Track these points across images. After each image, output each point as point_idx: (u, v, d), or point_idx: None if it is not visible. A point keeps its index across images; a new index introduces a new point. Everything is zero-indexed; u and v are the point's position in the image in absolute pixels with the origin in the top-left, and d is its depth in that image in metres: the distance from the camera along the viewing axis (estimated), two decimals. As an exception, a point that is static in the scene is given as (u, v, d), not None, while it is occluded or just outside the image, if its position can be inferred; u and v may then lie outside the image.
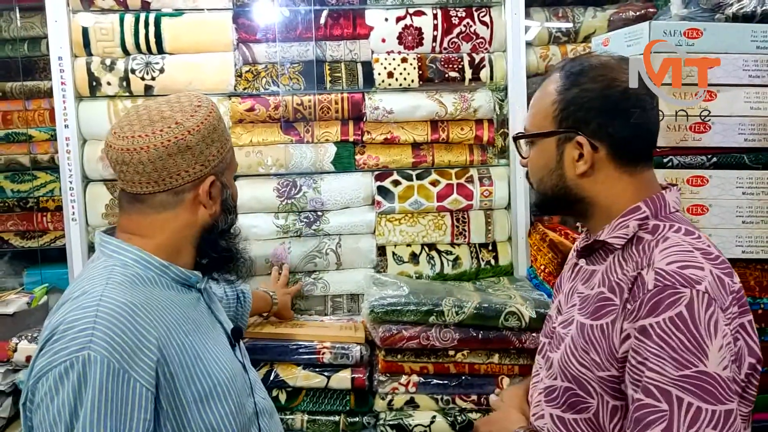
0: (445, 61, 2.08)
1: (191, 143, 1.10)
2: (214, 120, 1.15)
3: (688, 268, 0.94)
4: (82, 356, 0.94)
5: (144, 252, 1.12)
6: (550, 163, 1.13)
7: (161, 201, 1.13)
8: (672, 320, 0.91)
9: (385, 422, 1.76)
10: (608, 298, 1.03)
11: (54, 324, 1.01)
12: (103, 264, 1.10)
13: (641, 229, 1.05)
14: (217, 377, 1.12)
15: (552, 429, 1.10)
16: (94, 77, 2.01)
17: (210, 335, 1.19)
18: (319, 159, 2.10)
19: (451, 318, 1.72)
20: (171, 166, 1.10)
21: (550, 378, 1.12)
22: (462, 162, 2.14)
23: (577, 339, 1.06)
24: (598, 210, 1.11)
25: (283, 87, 2.07)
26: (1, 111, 2.09)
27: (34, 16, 2.07)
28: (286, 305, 1.95)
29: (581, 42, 2.16)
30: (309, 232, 2.09)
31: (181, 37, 2.03)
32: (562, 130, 1.10)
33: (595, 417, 1.03)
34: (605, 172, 1.09)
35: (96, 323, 0.97)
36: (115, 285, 1.05)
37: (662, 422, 0.88)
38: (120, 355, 0.96)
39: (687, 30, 1.62)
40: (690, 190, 1.65)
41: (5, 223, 2.11)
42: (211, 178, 1.15)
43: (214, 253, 1.21)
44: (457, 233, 2.13)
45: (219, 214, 1.19)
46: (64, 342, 0.96)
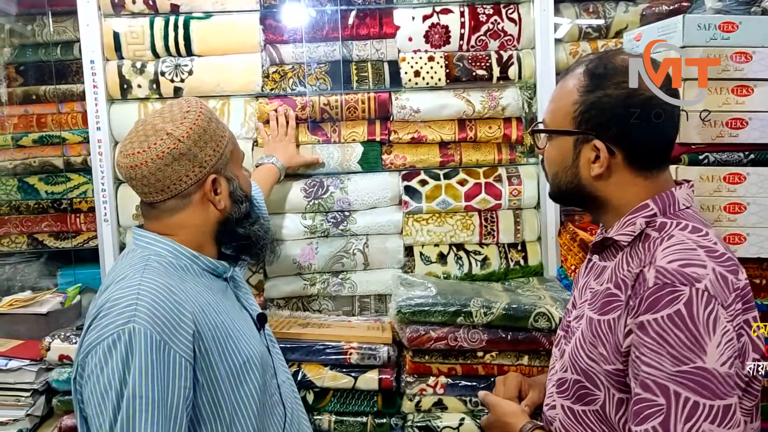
0: (473, 59, 2.06)
1: (183, 150, 1.18)
2: (203, 123, 1.22)
3: (689, 266, 0.95)
4: (128, 329, 1.03)
5: (176, 243, 1.22)
6: (565, 161, 1.13)
7: (173, 206, 1.23)
8: (670, 317, 0.92)
9: (413, 424, 1.75)
10: (614, 294, 1.05)
11: (100, 303, 1.10)
12: (140, 254, 1.20)
13: (649, 227, 1.06)
14: (248, 354, 1.21)
15: (563, 419, 1.13)
16: (125, 80, 2.04)
17: (239, 318, 1.28)
18: (346, 159, 2.09)
19: (480, 319, 1.70)
20: (172, 174, 1.19)
21: (562, 370, 1.15)
22: (490, 161, 2.11)
23: (586, 333, 1.09)
24: (611, 209, 1.12)
25: (309, 87, 2.08)
26: (35, 114, 2.13)
27: (66, 20, 2.11)
28: (294, 157, 2.03)
29: (612, 37, 2.12)
30: (336, 233, 2.09)
31: (209, 40, 2.04)
32: (580, 131, 1.09)
33: (602, 409, 1.06)
34: (620, 176, 1.09)
35: (138, 300, 1.06)
36: (152, 270, 1.15)
37: (659, 416, 0.91)
38: (161, 329, 1.05)
39: (722, 23, 1.58)
40: (727, 188, 1.60)
41: (40, 224, 2.15)
42: (212, 177, 1.23)
43: (234, 241, 1.32)
44: (486, 233, 2.10)
45: (230, 206, 1.28)
46: (111, 317, 1.05)
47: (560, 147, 1.14)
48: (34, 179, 2.13)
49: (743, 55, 1.59)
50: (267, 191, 1.87)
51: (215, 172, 1.24)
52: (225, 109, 2.06)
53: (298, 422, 1.39)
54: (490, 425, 1.28)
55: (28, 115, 2.13)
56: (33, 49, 2.13)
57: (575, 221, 2.09)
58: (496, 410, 1.27)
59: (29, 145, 2.11)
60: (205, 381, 1.12)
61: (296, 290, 2.10)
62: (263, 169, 1.93)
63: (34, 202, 2.14)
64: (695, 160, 1.61)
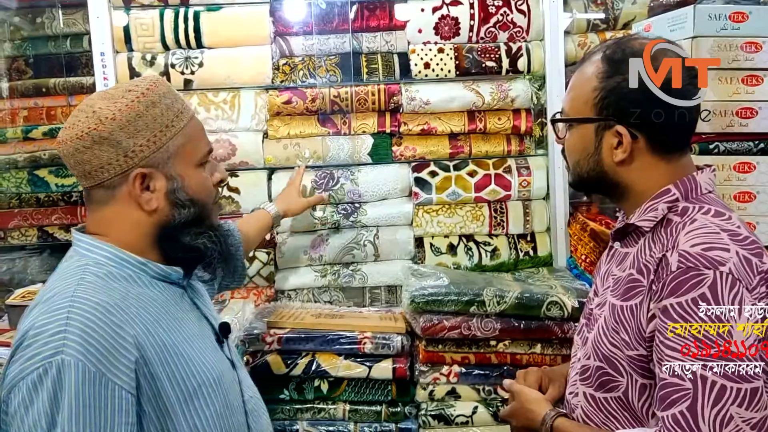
0: (482, 51, 2.07)
1: (104, 134, 1.01)
2: (140, 107, 1.04)
3: (713, 250, 0.94)
4: (56, 361, 0.88)
5: (119, 249, 1.05)
6: (588, 149, 1.12)
7: (98, 197, 1.07)
8: (695, 301, 0.92)
9: (426, 412, 1.77)
10: (637, 279, 1.04)
11: (24, 328, 0.94)
12: (76, 263, 1.04)
13: (671, 212, 1.06)
14: (203, 376, 1.06)
15: (585, 407, 1.13)
16: (135, 72, 2.03)
17: (195, 332, 1.12)
18: (356, 151, 2.10)
19: (493, 308, 1.71)
20: (92, 159, 1.02)
21: (585, 357, 1.14)
22: (500, 152, 2.13)
23: (609, 319, 1.08)
24: (633, 194, 1.12)
25: (320, 79, 2.08)
26: (45, 107, 2.13)
27: (76, 12, 2.10)
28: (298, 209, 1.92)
29: (621, 29, 2.14)
30: (347, 224, 2.10)
31: (219, 32, 2.05)
32: (601, 118, 1.09)
33: (624, 395, 1.05)
34: (642, 160, 1.09)
35: (68, 325, 0.91)
36: (87, 284, 0.98)
37: (686, 400, 0.90)
38: (96, 358, 0.90)
39: (732, 13, 1.60)
40: (737, 176, 1.62)
41: (50, 216, 2.15)
42: (139, 171, 1.04)
43: (177, 251, 1.11)
44: (496, 224, 2.12)
45: (167, 209, 1.08)
46: (36, 347, 0.90)
47: (582, 135, 1.13)
48: (44, 172, 2.12)
49: (753, 44, 1.61)
50: (251, 235, 1.73)
51: (148, 166, 1.05)
52: (235, 101, 2.06)
53: None
54: (513, 413, 1.27)
55: (38, 107, 2.13)
56: (43, 42, 2.13)
57: (584, 211, 2.10)
58: (521, 397, 1.26)
59: (39, 137, 2.10)
60: (152, 410, 0.98)
61: (307, 282, 2.11)
62: (253, 214, 1.85)
63: (44, 194, 2.14)
64: (705, 150, 1.63)
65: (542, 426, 1.16)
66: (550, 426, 1.14)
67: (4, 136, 2.11)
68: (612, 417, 1.08)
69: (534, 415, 1.20)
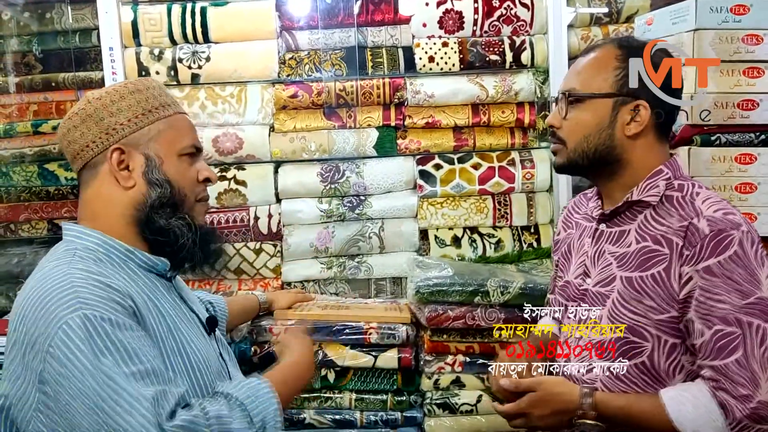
0: (486, 45, 2.09)
1: (90, 111, 1.10)
2: (125, 90, 1.12)
3: (730, 214, 1.10)
4: (78, 316, 0.93)
5: (107, 236, 1.09)
6: (602, 123, 1.21)
7: (85, 177, 1.13)
8: (731, 258, 1.06)
9: (431, 401, 1.80)
10: (654, 249, 1.15)
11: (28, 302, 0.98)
12: (64, 247, 1.08)
13: (668, 188, 1.19)
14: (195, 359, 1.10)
15: (604, 379, 1.20)
16: (143, 67, 2.06)
17: (182, 318, 1.15)
18: (361, 144, 2.12)
19: (497, 298, 1.74)
20: (78, 138, 1.10)
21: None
22: (503, 145, 2.15)
23: (625, 292, 1.17)
24: (630, 172, 1.22)
25: (325, 73, 2.10)
26: (55, 101, 2.16)
27: (84, 7, 2.13)
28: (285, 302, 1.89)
29: (623, 22, 2.15)
30: (352, 216, 2.12)
31: (226, 26, 2.07)
32: (624, 93, 1.19)
33: (649, 359, 1.15)
34: (647, 138, 1.22)
35: (74, 286, 0.96)
36: (79, 260, 1.03)
37: (740, 346, 1.04)
38: (109, 307, 0.96)
39: (733, 6, 1.61)
40: (738, 168, 1.64)
41: (60, 209, 2.18)
42: (116, 147, 1.09)
43: (151, 232, 1.13)
44: (499, 216, 2.14)
45: (144, 188, 1.12)
46: (52, 310, 0.94)
47: (596, 110, 1.22)
48: (53, 165, 2.15)
49: (754, 37, 1.63)
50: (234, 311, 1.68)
51: (126, 145, 1.10)
52: (242, 95, 2.09)
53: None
54: (536, 402, 1.19)
55: (48, 102, 2.16)
56: (52, 37, 2.15)
57: (587, 204, 2.12)
58: (544, 386, 1.20)
59: (49, 131, 2.13)
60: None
61: (313, 273, 2.14)
62: (242, 296, 1.88)
63: (54, 188, 2.17)
64: (707, 141, 1.64)
65: (582, 404, 1.14)
66: (591, 402, 1.13)
67: (14, 131, 2.13)
68: (631, 383, 1.17)
69: (566, 396, 1.17)
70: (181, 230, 1.14)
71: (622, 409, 1.13)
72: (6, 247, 2.27)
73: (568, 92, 1.25)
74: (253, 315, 1.82)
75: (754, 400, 1.02)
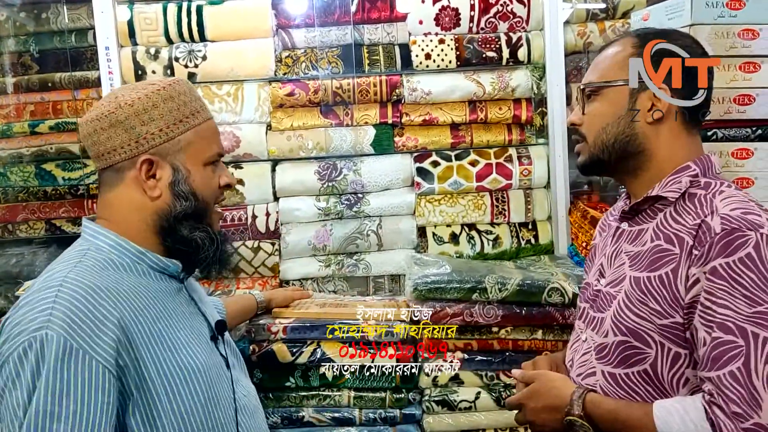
0: (483, 42, 2.08)
1: (121, 117, 1.08)
2: (157, 98, 1.11)
3: (750, 214, 1.00)
4: (40, 336, 0.91)
5: (121, 238, 1.10)
6: (619, 111, 1.16)
7: (108, 179, 1.12)
8: (742, 261, 0.96)
9: (430, 398, 1.79)
10: (666, 249, 1.07)
11: (16, 306, 0.99)
12: (79, 247, 1.09)
13: (693, 186, 1.11)
14: (188, 365, 1.08)
15: (603, 385, 1.13)
16: (140, 66, 2.06)
17: (186, 325, 1.14)
18: (358, 141, 2.12)
19: (495, 295, 1.74)
20: (105, 141, 1.09)
21: (601, 336, 1.15)
22: (500, 142, 2.15)
23: (631, 293, 1.10)
24: (654, 165, 1.15)
25: (322, 71, 2.10)
26: (51, 101, 2.17)
27: (80, 7, 2.13)
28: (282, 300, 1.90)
29: (620, 18, 2.15)
30: (350, 214, 2.13)
31: (222, 25, 2.07)
32: (641, 79, 1.14)
33: (651, 368, 1.07)
34: (670, 125, 1.14)
35: (56, 302, 0.95)
36: (83, 267, 1.03)
37: (740, 357, 0.93)
38: (78, 334, 0.93)
39: (729, 1, 1.61)
40: (735, 163, 1.63)
41: (57, 209, 2.18)
42: (146, 157, 1.10)
43: (173, 242, 1.14)
44: (497, 213, 2.14)
45: (169, 199, 1.12)
46: (24, 324, 0.94)
47: (614, 99, 1.17)
48: (51, 166, 2.16)
49: (750, 32, 1.62)
50: (232, 311, 1.69)
51: (156, 155, 1.10)
52: (239, 94, 2.09)
53: None
54: (532, 394, 1.21)
55: (44, 102, 2.16)
56: (48, 37, 2.16)
57: (585, 200, 2.12)
58: (542, 378, 1.21)
59: (46, 131, 2.14)
60: (138, 394, 1.00)
61: (311, 271, 2.14)
62: (241, 295, 1.87)
63: (51, 188, 2.18)
64: (704, 136, 1.63)
65: (572, 403, 1.11)
66: (581, 402, 1.10)
67: (11, 131, 2.14)
68: (633, 392, 1.09)
69: (560, 392, 1.16)
70: (203, 242, 1.16)
71: (610, 412, 1.07)
72: (4, 247, 2.28)
73: (584, 86, 1.22)
74: (251, 314, 1.81)
75: (747, 421, 0.91)
